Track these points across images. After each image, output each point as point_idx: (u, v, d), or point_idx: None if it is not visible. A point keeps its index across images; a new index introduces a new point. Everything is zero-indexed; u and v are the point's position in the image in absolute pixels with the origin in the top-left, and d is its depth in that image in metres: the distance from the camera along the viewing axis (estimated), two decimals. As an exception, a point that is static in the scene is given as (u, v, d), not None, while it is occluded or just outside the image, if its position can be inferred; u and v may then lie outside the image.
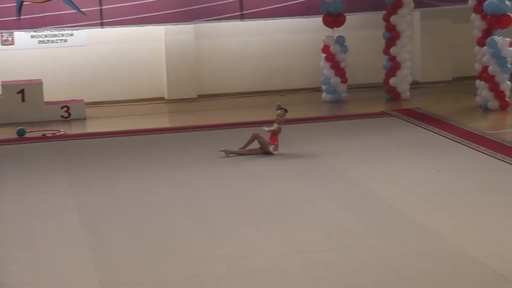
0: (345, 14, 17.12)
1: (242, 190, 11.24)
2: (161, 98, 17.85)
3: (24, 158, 13.49)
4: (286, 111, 13.09)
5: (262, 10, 17.40)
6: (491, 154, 12.49)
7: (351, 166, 12.17)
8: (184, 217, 10.19)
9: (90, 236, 9.60)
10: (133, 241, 9.40)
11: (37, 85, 16.34)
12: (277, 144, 12.91)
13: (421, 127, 14.54)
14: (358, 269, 8.37)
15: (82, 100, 16.66)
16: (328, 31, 17.23)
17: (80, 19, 16.74)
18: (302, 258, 8.68)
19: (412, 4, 17.12)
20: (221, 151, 12.97)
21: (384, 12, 17.20)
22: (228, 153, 12.91)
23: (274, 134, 12.93)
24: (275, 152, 12.84)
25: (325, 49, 17.23)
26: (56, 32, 17.27)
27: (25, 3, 16.50)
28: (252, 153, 12.89)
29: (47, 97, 16.45)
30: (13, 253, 9.18)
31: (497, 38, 15.58)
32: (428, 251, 8.76)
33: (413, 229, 9.45)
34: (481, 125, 14.60)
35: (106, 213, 10.43)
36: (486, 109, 15.81)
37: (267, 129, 12.96)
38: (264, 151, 12.87)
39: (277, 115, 13.03)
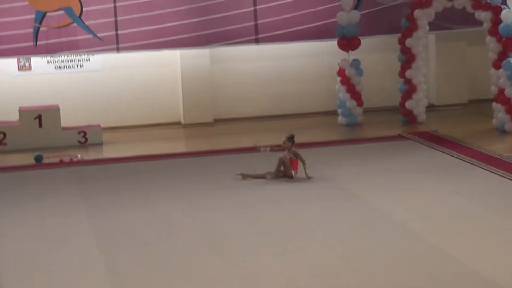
0: (360, 37, 17.15)
1: (257, 215, 11.22)
2: (178, 123, 17.89)
3: (41, 183, 13.53)
4: (290, 139, 12.98)
5: (277, 34, 17.45)
6: (508, 177, 12.44)
7: (367, 190, 12.14)
8: (199, 242, 10.18)
9: (105, 259, 9.61)
10: (148, 266, 9.40)
11: (54, 110, 16.42)
12: (297, 169, 12.92)
13: (437, 150, 14.51)
14: (375, 293, 8.34)
15: (99, 125, 16.73)
16: (343, 54, 17.26)
17: (96, 44, 16.85)
18: (318, 282, 8.65)
19: (427, 27, 17.13)
20: (237, 174, 12.98)
21: (399, 35, 17.21)
22: (245, 177, 12.92)
23: (295, 159, 12.92)
24: (295, 176, 12.84)
25: (341, 72, 17.25)
26: (72, 58, 17.38)
27: (41, 28, 16.62)
28: (266, 176, 12.89)
29: (64, 123, 16.52)
30: (29, 277, 9.19)
31: (513, 61, 15.56)
32: (445, 275, 8.71)
33: (430, 252, 9.41)
34: (498, 147, 14.55)
35: (122, 238, 10.43)
36: (503, 132, 15.76)
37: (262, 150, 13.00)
38: (285, 175, 12.87)
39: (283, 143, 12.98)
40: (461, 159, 13.72)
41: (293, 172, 12.86)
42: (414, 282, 8.58)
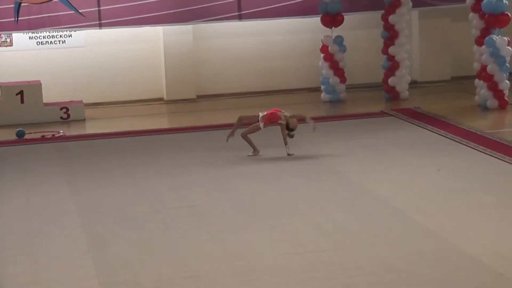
0: (343, 13, 17.12)
1: (241, 191, 11.25)
2: (160, 99, 17.85)
3: (23, 159, 13.48)
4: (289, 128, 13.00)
5: (260, 10, 17.40)
6: (490, 153, 12.50)
7: (350, 166, 12.17)
8: (183, 218, 10.19)
9: (89, 237, 9.61)
10: (132, 242, 9.41)
11: (36, 86, 16.34)
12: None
13: (420, 126, 14.55)
14: (358, 269, 8.38)
15: (81, 101, 16.67)
16: (326, 31, 17.24)
17: (78, 20, 16.74)
18: (302, 258, 8.69)
19: (410, 3, 17.13)
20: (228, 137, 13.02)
21: (382, 11, 17.20)
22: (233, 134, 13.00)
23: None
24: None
25: (324, 49, 17.24)
26: (54, 34, 17.28)
27: (23, 4, 16.50)
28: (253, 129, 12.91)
29: (46, 99, 16.45)
30: (12, 255, 9.18)
31: (496, 37, 15.59)
32: (427, 250, 8.77)
33: (412, 229, 9.46)
34: (480, 124, 14.60)
35: (106, 214, 10.43)
36: (485, 108, 15.82)
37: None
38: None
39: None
40: (443, 136, 13.77)
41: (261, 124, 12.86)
42: (397, 258, 8.62)
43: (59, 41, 17.38)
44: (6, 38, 17.17)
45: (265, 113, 13.00)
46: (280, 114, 12.97)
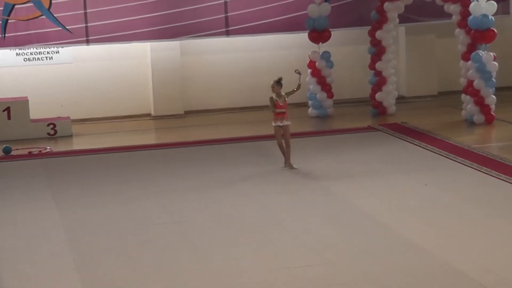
0: (330, 29, 17.18)
1: (228, 207, 11.23)
2: (148, 115, 17.85)
3: (10, 176, 13.44)
4: (278, 82, 13.12)
5: (247, 26, 17.44)
6: (477, 168, 12.53)
7: (337, 181, 12.18)
8: (170, 234, 10.17)
9: (76, 253, 9.58)
10: (119, 259, 9.38)
11: (23, 102, 16.31)
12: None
13: (407, 141, 14.58)
14: (345, 284, 8.37)
15: (68, 117, 16.64)
16: (313, 46, 17.29)
17: (66, 37, 16.75)
18: (289, 274, 8.68)
19: (397, 20, 17.21)
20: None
21: (369, 27, 17.27)
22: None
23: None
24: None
25: (311, 64, 17.28)
26: (41, 50, 17.27)
27: (10, 20, 16.49)
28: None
29: (33, 115, 16.42)
30: (0, 271, 9.16)
31: (482, 53, 15.66)
32: (414, 266, 8.77)
33: (399, 244, 9.46)
34: (467, 139, 14.65)
35: (92, 231, 10.40)
36: (471, 123, 15.88)
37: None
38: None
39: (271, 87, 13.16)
40: (430, 151, 13.80)
41: (285, 119, 13.08)
42: (384, 274, 8.62)
43: (47, 57, 17.37)
44: (-7, 55, 17.14)
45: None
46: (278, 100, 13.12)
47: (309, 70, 17.30)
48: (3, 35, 16.52)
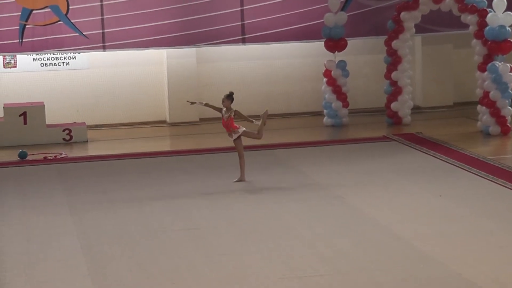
0: (346, 38, 17.17)
1: (241, 214, 11.24)
2: (163, 122, 17.88)
3: (25, 180, 13.50)
4: (229, 96, 12.96)
5: (263, 34, 17.46)
6: (492, 180, 12.49)
7: (351, 191, 12.16)
8: (183, 241, 10.18)
9: (89, 259, 9.60)
10: (132, 265, 9.39)
11: (39, 107, 16.38)
12: (237, 128, 12.93)
13: (422, 152, 14.55)
14: (357, 294, 8.36)
15: (84, 123, 16.70)
16: (329, 55, 17.29)
17: (82, 42, 16.82)
18: (301, 282, 8.66)
19: (414, 29, 17.19)
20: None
21: (385, 37, 17.26)
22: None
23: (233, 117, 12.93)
24: (234, 135, 12.87)
25: (327, 73, 17.28)
26: (58, 55, 17.35)
27: (27, 26, 16.58)
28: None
29: (49, 120, 16.49)
30: (12, 276, 9.17)
31: (498, 64, 15.62)
32: (426, 276, 8.74)
33: (411, 254, 9.43)
34: (482, 150, 14.60)
35: (106, 237, 10.42)
36: (487, 135, 15.83)
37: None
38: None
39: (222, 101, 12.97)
40: (445, 161, 13.76)
41: (232, 134, 12.82)
42: (396, 284, 8.59)
43: (63, 63, 17.45)
44: (10, 60, 17.24)
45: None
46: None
47: (325, 79, 17.30)
48: (20, 40, 16.61)
